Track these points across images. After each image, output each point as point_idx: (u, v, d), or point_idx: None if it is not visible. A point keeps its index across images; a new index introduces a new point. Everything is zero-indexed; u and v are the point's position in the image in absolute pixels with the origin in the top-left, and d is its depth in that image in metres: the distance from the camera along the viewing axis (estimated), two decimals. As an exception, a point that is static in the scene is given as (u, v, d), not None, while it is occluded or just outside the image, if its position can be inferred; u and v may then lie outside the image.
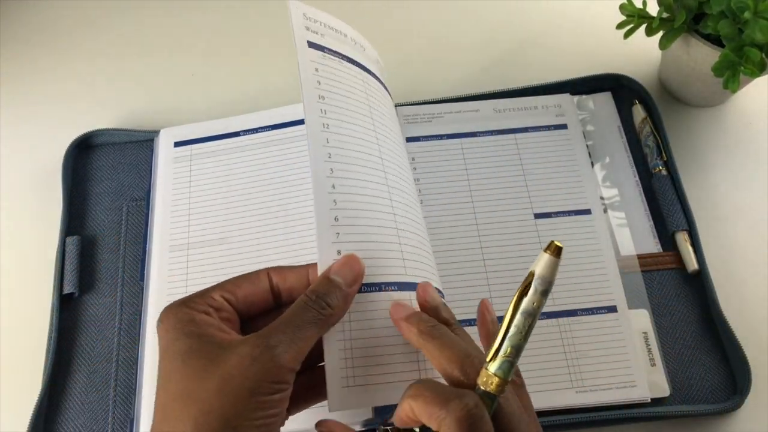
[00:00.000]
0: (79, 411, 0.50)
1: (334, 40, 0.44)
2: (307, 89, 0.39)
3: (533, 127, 0.57)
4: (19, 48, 0.68)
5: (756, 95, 0.60)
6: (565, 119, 0.57)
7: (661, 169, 0.55)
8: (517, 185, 0.54)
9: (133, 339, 0.51)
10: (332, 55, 0.43)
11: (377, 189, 0.39)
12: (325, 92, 0.40)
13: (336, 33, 0.44)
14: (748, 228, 0.54)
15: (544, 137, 0.56)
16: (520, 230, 0.52)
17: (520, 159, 0.55)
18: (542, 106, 0.58)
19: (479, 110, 0.58)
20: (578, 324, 0.49)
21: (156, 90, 0.65)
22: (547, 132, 0.56)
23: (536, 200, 0.53)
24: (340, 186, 0.37)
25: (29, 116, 0.64)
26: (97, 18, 0.70)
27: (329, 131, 0.38)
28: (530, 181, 0.54)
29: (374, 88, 0.45)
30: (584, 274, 0.50)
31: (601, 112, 0.59)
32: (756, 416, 0.47)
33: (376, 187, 0.39)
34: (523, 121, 0.57)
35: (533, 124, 0.57)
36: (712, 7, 0.49)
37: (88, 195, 0.58)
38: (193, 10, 0.69)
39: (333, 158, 0.37)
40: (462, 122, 0.57)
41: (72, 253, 0.54)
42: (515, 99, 0.58)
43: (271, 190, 0.54)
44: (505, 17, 0.67)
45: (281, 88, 0.63)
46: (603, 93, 0.60)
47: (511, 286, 0.49)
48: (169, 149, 0.57)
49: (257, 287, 0.35)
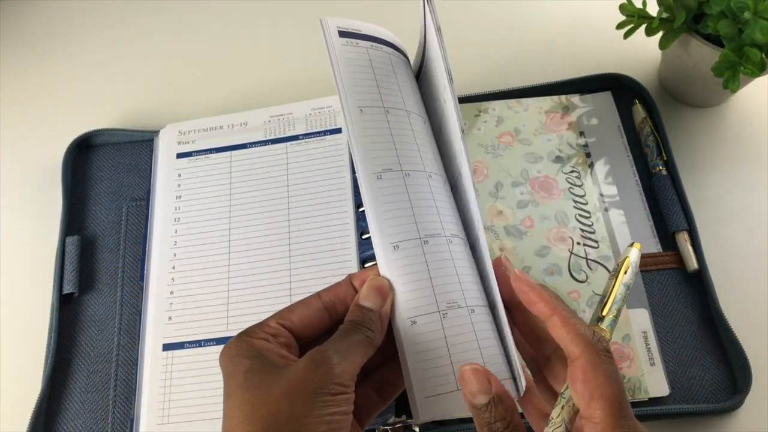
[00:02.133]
0: (79, 411, 0.50)
1: (202, 140, 0.56)
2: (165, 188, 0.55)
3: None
4: (19, 48, 0.68)
5: (756, 95, 0.60)
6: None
7: (661, 169, 0.55)
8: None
9: (133, 339, 0.51)
10: (198, 155, 0.56)
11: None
12: (182, 191, 0.54)
13: (206, 132, 0.55)
14: (748, 228, 0.54)
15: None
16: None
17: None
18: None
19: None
20: None
21: (156, 90, 0.65)
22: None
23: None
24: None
25: (29, 116, 0.64)
26: (96, 18, 0.70)
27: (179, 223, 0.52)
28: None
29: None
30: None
31: (601, 111, 0.59)
32: (756, 416, 0.47)
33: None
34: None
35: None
36: (712, 7, 0.49)
37: (87, 195, 0.58)
38: (193, 10, 0.70)
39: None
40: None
41: (72, 253, 0.54)
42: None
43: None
44: (506, 17, 0.67)
45: (281, 88, 0.63)
46: (603, 93, 0.60)
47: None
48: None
49: (311, 308, 0.36)
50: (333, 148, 0.55)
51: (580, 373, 0.31)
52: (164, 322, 0.50)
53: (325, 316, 0.36)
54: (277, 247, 0.52)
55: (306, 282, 0.50)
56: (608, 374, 0.31)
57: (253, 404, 0.31)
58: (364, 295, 0.36)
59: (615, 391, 0.31)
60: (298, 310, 0.36)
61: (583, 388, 0.31)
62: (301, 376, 0.31)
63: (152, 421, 0.47)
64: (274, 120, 0.57)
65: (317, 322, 0.36)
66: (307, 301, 0.36)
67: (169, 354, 0.49)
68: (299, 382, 0.31)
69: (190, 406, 0.46)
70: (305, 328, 0.36)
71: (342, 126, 0.56)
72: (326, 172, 0.54)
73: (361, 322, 0.35)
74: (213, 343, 0.49)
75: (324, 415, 0.31)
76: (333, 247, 0.51)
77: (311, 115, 0.57)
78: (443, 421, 0.46)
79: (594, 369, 0.31)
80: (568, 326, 0.32)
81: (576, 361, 0.32)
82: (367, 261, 0.50)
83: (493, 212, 0.54)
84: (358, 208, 0.52)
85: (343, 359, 0.33)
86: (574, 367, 0.32)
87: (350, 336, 0.34)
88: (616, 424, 0.30)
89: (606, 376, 0.31)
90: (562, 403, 0.33)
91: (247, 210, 0.54)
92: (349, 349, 0.33)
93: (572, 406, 0.32)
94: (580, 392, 0.31)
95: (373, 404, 0.37)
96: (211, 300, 0.51)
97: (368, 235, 0.50)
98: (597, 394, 0.31)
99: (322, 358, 0.32)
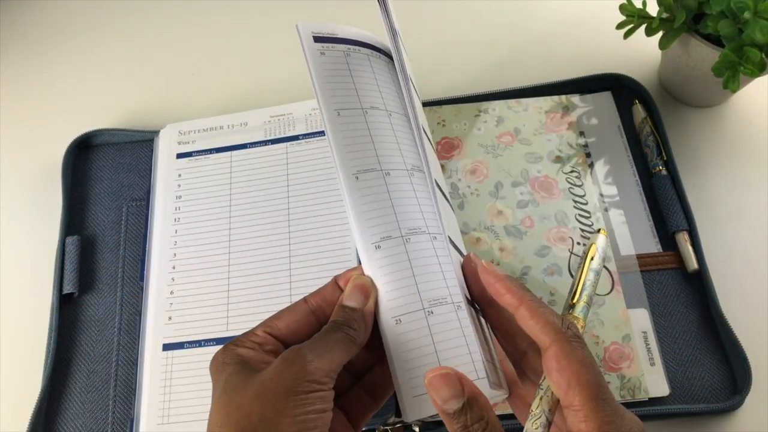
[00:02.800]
0: (79, 411, 0.50)
1: (202, 141, 0.57)
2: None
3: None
4: (19, 48, 0.68)
5: (756, 95, 0.60)
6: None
7: (661, 169, 0.55)
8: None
9: (133, 339, 0.51)
10: (198, 155, 0.56)
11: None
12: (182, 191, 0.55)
13: (206, 132, 0.55)
14: (748, 228, 0.54)
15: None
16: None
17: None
18: None
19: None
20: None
21: (156, 90, 0.65)
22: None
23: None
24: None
25: (29, 116, 0.64)
26: (97, 18, 0.70)
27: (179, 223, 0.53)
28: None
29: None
30: None
31: (601, 111, 0.59)
32: (756, 416, 0.47)
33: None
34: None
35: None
36: (712, 7, 0.49)
37: (87, 195, 0.58)
38: (193, 10, 0.70)
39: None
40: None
41: (72, 253, 0.54)
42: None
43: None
44: (506, 17, 0.67)
45: (281, 88, 0.63)
46: (603, 93, 0.60)
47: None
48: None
49: (298, 314, 0.36)
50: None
51: (554, 362, 0.31)
52: (164, 322, 0.50)
53: (312, 321, 0.36)
54: (277, 247, 0.52)
55: (306, 282, 0.50)
56: (582, 360, 0.31)
57: (229, 407, 0.31)
58: (347, 295, 0.36)
59: (591, 376, 0.31)
60: (284, 317, 0.36)
61: (559, 376, 0.31)
62: (273, 377, 0.31)
63: (152, 421, 0.47)
64: (274, 120, 0.57)
65: (305, 327, 0.36)
66: (294, 307, 0.36)
67: (169, 354, 0.49)
68: (272, 383, 0.31)
69: (190, 406, 0.46)
70: (293, 335, 0.35)
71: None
72: (326, 171, 0.54)
73: (344, 321, 0.35)
74: (213, 343, 0.49)
75: (297, 414, 0.30)
76: (333, 247, 0.51)
77: (311, 115, 0.57)
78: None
79: (567, 356, 0.31)
80: (536, 316, 0.32)
81: (548, 350, 0.31)
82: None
83: (493, 212, 0.54)
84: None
85: (318, 356, 0.32)
86: (547, 356, 0.31)
87: (330, 335, 0.34)
88: (597, 408, 0.30)
89: (580, 362, 0.31)
90: (540, 395, 0.32)
91: (248, 210, 0.54)
92: (327, 346, 0.33)
93: (551, 395, 0.32)
94: (557, 381, 0.31)
95: (366, 407, 0.36)
96: (211, 300, 0.51)
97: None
98: (573, 381, 0.30)
99: (294, 357, 0.32)
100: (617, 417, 0.30)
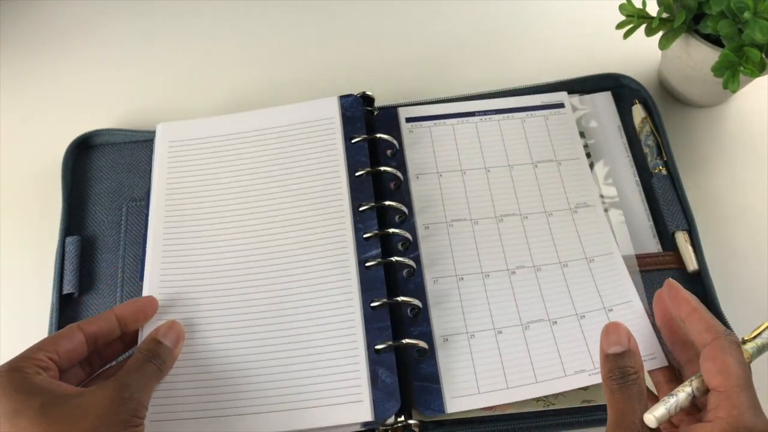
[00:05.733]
0: (78, 411, 0.49)
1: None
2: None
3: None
4: (19, 48, 0.68)
5: (756, 95, 0.60)
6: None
7: (661, 169, 0.55)
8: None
9: (133, 339, 0.51)
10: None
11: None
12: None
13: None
14: (748, 228, 0.54)
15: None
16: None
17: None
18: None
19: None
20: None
21: (156, 90, 0.65)
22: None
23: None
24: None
25: (29, 116, 0.64)
26: (96, 18, 0.70)
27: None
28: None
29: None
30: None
31: (601, 112, 0.59)
32: (756, 416, 0.47)
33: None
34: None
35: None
36: (712, 7, 0.49)
37: (87, 195, 0.58)
38: (193, 10, 0.70)
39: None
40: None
41: (72, 253, 0.54)
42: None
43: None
44: (506, 17, 0.67)
45: (281, 88, 0.63)
46: (603, 93, 0.60)
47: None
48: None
49: (74, 342, 0.41)
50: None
51: (710, 353, 0.36)
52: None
53: (85, 349, 0.42)
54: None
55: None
56: (735, 357, 0.36)
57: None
58: (164, 333, 0.43)
59: (740, 371, 0.35)
60: (62, 344, 0.40)
61: (712, 365, 0.36)
62: (108, 412, 0.36)
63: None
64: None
65: (78, 355, 0.41)
66: (69, 333, 0.41)
67: (169, 354, 0.49)
68: (107, 417, 0.36)
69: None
70: (68, 361, 0.41)
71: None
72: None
73: (157, 355, 0.42)
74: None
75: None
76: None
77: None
78: (443, 421, 0.46)
79: (722, 351, 0.36)
80: (704, 321, 0.38)
81: (707, 346, 0.37)
82: (367, 261, 0.50)
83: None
84: (358, 208, 0.52)
85: (145, 394, 0.39)
86: (704, 350, 0.37)
87: (145, 367, 0.41)
88: (741, 392, 0.34)
89: (733, 358, 0.35)
90: (691, 378, 0.37)
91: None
92: (148, 383, 0.40)
93: (701, 381, 0.37)
94: (709, 369, 0.36)
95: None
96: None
97: (368, 235, 0.50)
98: (723, 369, 0.35)
99: (129, 396, 0.37)
100: (755, 408, 0.34)
